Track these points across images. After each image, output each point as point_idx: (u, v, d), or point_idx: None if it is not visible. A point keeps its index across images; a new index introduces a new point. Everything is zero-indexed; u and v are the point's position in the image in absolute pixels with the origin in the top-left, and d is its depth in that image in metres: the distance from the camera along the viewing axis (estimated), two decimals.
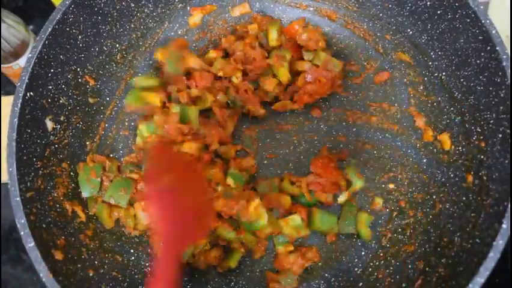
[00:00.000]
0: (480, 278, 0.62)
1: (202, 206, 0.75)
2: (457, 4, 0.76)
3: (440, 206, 0.82)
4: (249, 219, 0.81)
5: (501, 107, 0.71)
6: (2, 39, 0.89)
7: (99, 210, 0.84)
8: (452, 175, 0.82)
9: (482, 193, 0.73)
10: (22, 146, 0.71)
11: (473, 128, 0.78)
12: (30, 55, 0.74)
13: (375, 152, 0.92)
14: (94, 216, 0.83)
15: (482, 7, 0.73)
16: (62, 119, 0.81)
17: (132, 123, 0.94)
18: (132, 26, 0.91)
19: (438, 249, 0.77)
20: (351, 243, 0.88)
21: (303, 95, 0.92)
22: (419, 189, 0.87)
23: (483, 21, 0.72)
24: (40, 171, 0.75)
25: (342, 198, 0.88)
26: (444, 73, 0.84)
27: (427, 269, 0.77)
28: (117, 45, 0.90)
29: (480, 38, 0.73)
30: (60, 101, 0.80)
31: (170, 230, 0.67)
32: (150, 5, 0.91)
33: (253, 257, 0.87)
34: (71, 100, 0.83)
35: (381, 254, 0.85)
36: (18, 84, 0.72)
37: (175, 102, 0.87)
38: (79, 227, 0.78)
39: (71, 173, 0.81)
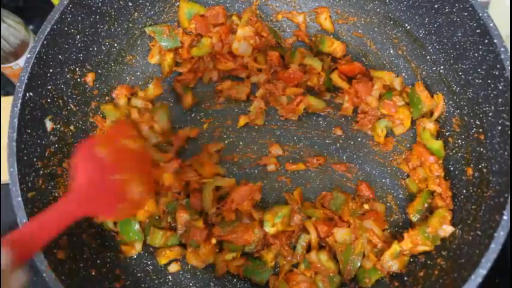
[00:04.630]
0: (482, 270, 0.62)
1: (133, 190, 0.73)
2: None
3: None
4: None
5: (500, 100, 0.71)
6: (2, 39, 0.88)
7: None
8: (452, 168, 0.82)
9: (482, 185, 0.73)
10: (22, 146, 0.71)
11: (472, 121, 0.78)
12: (29, 55, 0.74)
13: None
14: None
15: (479, 0, 0.73)
16: (61, 119, 0.81)
17: None
18: (130, 25, 0.91)
19: (440, 241, 0.78)
20: None
21: None
22: None
23: (480, 15, 0.72)
24: (41, 171, 0.75)
25: None
26: (442, 67, 0.84)
27: (429, 262, 0.77)
28: (115, 45, 0.90)
29: (478, 31, 0.74)
30: (60, 101, 0.80)
31: (91, 189, 0.66)
32: (148, 4, 0.91)
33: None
34: (70, 100, 0.83)
35: None
36: (18, 84, 0.72)
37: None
38: (81, 226, 0.78)
39: None
